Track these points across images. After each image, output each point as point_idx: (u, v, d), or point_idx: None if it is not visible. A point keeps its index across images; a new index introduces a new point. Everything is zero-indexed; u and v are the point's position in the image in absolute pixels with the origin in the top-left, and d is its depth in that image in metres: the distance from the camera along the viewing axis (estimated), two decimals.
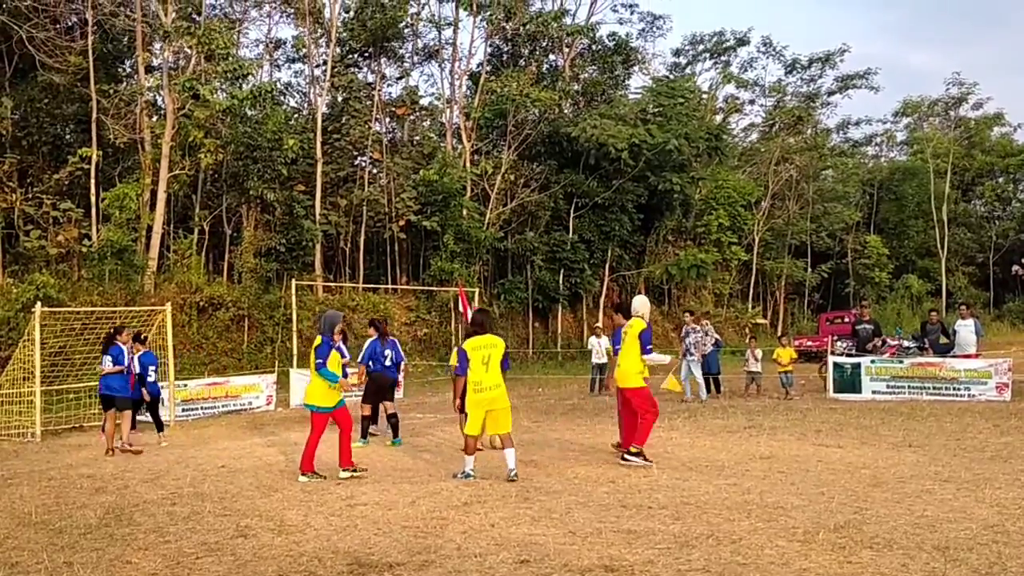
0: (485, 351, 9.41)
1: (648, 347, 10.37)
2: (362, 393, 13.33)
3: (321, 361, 9.70)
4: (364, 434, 12.82)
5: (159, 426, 14.01)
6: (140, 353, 13.55)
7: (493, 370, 9.38)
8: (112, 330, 13.31)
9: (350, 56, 36.55)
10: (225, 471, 10.55)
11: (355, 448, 12.26)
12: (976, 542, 6.28)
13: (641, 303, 10.89)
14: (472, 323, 9.99)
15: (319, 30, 34.99)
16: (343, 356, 10.29)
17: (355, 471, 9.89)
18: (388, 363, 13.07)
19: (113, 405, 12.66)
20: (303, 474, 9.77)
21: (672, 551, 6.26)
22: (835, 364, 18.57)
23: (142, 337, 14.29)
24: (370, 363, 12.97)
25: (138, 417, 13.68)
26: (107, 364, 12.66)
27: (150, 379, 13.57)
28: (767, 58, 48.97)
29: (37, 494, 9.41)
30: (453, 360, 11.98)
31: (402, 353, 13.71)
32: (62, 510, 8.42)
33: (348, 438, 10.11)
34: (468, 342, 9.59)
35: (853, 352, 19.30)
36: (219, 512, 8.07)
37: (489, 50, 39.18)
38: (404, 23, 35.72)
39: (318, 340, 9.89)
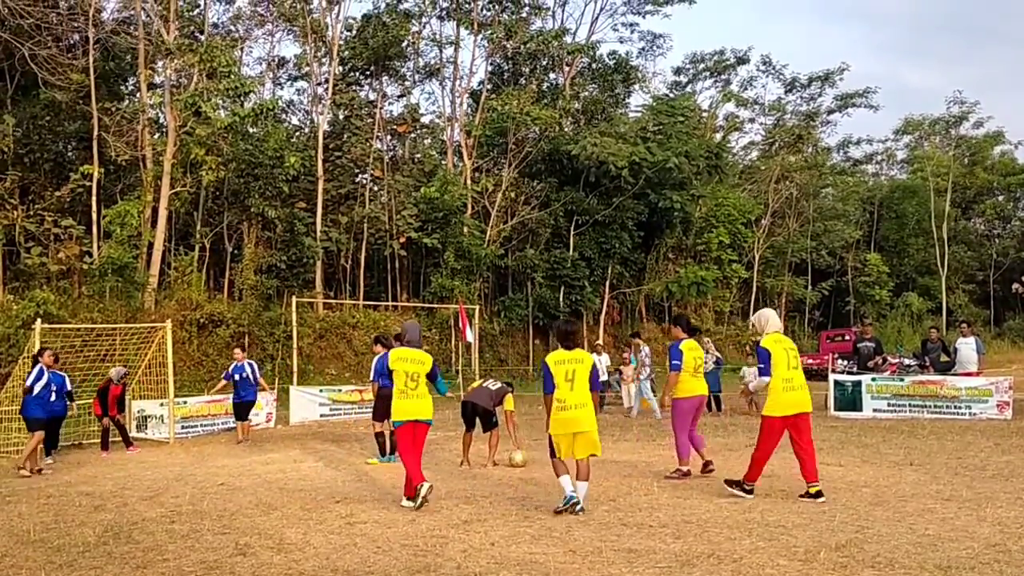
0: (569, 366, 8.48)
1: (760, 365, 9.09)
2: (372, 410, 13.23)
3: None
4: (383, 451, 12.74)
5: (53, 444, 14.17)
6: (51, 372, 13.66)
7: (579, 387, 8.43)
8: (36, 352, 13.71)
9: (352, 74, 36.71)
10: (224, 489, 10.52)
11: (373, 465, 12.27)
12: (978, 561, 6.25)
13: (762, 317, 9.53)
14: (558, 335, 9.09)
15: (321, 48, 35.13)
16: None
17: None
18: None
19: (40, 427, 12.86)
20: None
21: (673, 570, 6.23)
22: (836, 382, 18.54)
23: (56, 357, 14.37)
24: (380, 380, 12.83)
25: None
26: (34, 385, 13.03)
27: (51, 399, 13.51)
28: (767, 76, 49.19)
29: (36, 511, 9.37)
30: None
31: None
32: (60, 528, 8.39)
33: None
34: (551, 355, 8.68)
35: (855, 370, 19.28)
36: (218, 530, 8.04)
37: (490, 68, 39.37)
38: (405, 42, 35.87)
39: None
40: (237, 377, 16.31)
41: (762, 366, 8.98)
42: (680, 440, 10.58)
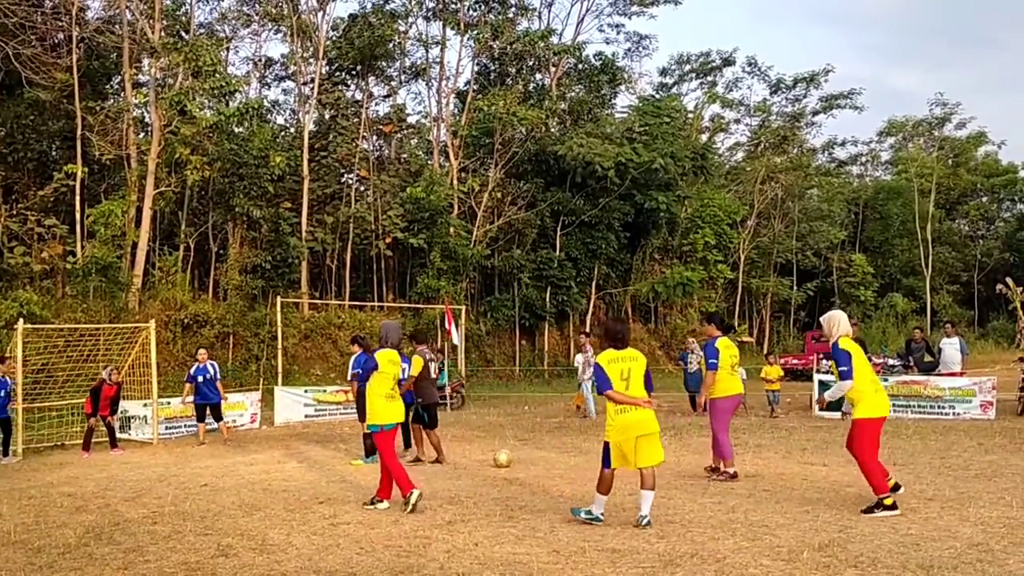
0: (624, 364, 7.80)
1: (840, 368, 8.42)
2: (356, 411, 13.18)
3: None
4: (368, 453, 12.68)
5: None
6: None
7: (635, 387, 7.78)
8: None
9: (338, 74, 36.64)
10: (207, 490, 10.47)
11: (357, 467, 12.21)
12: (960, 560, 6.27)
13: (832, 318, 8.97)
14: (607, 334, 8.19)
15: (308, 48, 35.01)
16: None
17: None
18: None
19: None
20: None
21: (656, 570, 6.23)
22: (821, 382, 18.57)
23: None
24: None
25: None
26: None
27: None
28: (752, 78, 49.36)
29: (17, 513, 9.30)
30: (416, 368, 11.65)
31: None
32: (42, 529, 8.32)
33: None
34: (603, 355, 7.91)
35: None
36: (200, 531, 8.00)
37: (476, 69, 39.36)
38: (392, 42, 35.80)
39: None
40: (200, 379, 16.22)
41: (844, 368, 8.35)
42: (722, 440, 10.28)
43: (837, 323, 8.84)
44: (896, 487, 8.45)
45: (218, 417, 16.36)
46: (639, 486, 7.73)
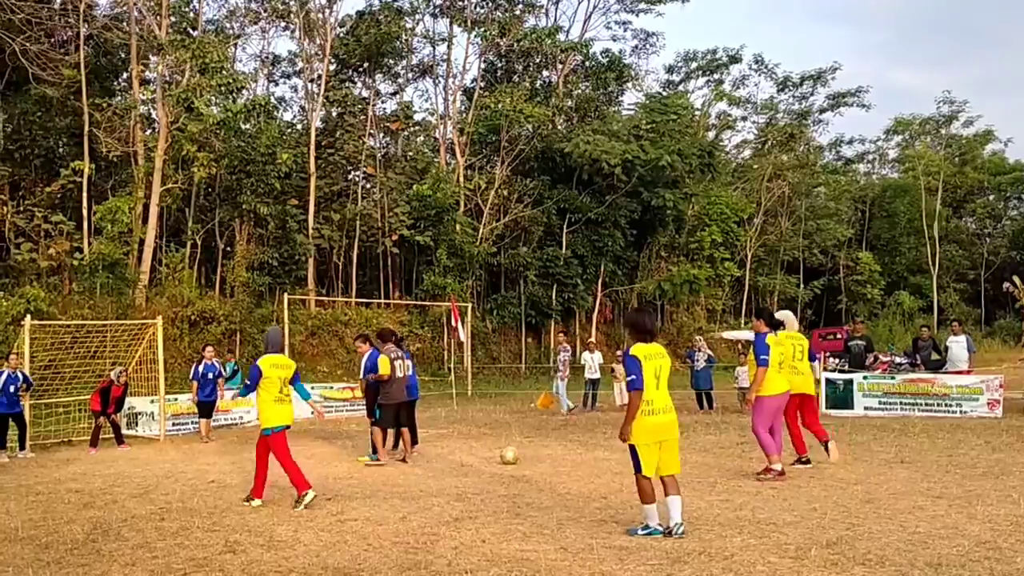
0: (657, 361, 7.27)
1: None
2: (366, 408, 13.22)
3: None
4: (375, 449, 12.70)
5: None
6: None
7: (664, 388, 7.30)
8: None
9: (345, 71, 36.62)
10: (215, 486, 10.49)
11: (363, 463, 12.22)
12: (968, 559, 6.26)
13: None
14: (635, 327, 7.59)
15: (315, 45, 35.01)
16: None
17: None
18: None
19: None
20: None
21: (664, 567, 6.22)
22: (828, 380, 18.56)
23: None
24: (369, 377, 12.82)
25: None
26: None
27: None
28: (759, 76, 49.22)
29: (24, 509, 9.33)
30: (384, 369, 11.94)
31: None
32: (49, 525, 8.34)
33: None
34: (638, 348, 7.25)
35: (846, 368, 19.31)
36: (208, 527, 8.01)
37: (483, 66, 39.30)
38: (399, 39, 35.78)
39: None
40: (210, 375, 16.34)
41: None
42: (763, 438, 10.00)
43: (792, 321, 11.15)
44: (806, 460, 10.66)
45: (207, 415, 16.48)
46: (663, 492, 7.27)
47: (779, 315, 10.99)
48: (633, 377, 7.12)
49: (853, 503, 8.39)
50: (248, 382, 9.28)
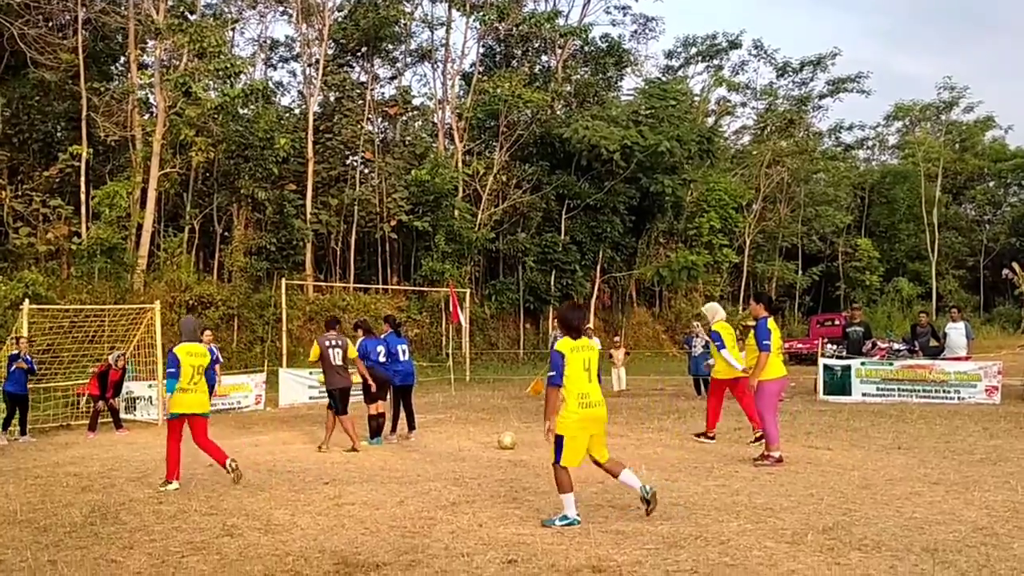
0: (585, 353, 7.27)
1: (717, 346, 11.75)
2: (363, 393, 13.27)
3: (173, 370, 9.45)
4: (373, 434, 12.75)
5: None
6: None
7: (595, 381, 7.36)
8: None
9: (343, 56, 36.49)
10: (212, 470, 10.47)
11: (363, 448, 12.23)
12: (965, 544, 6.27)
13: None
14: (562, 322, 7.57)
15: (313, 29, 34.86)
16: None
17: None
18: (382, 359, 12.99)
19: None
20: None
21: (660, 552, 6.24)
22: (825, 366, 18.58)
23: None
24: (366, 361, 12.90)
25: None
26: None
27: None
28: (758, 61, 49.11)
29: (23, 492, 9.34)
30: (313, 355, 12.48)
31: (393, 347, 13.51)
32: (47, 508, 8.35)
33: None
34: (564, 343, 7.25)
35: (844, 354, 19.32)
36: (206, 511, 8.03)
37: (482, 51, 39.17)
38: (397, 23, 35.61)
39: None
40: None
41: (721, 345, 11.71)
42: (770, 424, 10.03)
43: (715, 312, 12.19)
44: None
45: None
46: (612, 476, 7.39)
47: (705, 308, 12.57)
48: (553, 373, 7.14)
49: (850, 489, 8.41)
50: (172, 370, 9.48)
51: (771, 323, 10.07)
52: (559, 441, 7.12)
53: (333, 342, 12.42)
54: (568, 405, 7.11)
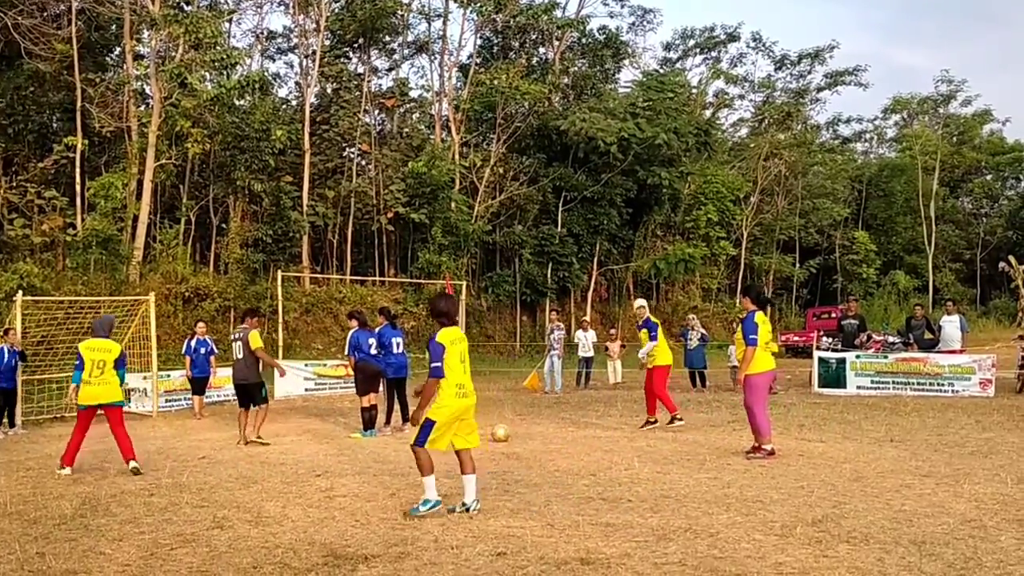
0: (461, 345, 7.54)
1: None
2: (354, 385, 13.29)
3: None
4: (366, 426, 12.76)
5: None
6: None
7: (468, 370, 7.60)
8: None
9: (340, 47, 36.39)
10: (205, 462, 10.51)
11: (355, 440, 12.26)
12: (953, 536, 6.28)
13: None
14: (434, 311, 7.82)
15: (310, 20, 34.76)
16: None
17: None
18: (373, 351, 13.00)
19: None
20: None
21: (649, 544, 6.24)
22: (820, 359, 18.60)
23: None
24: (356, 354, 12.93)
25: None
26: None
27: None
28: (756, 53, 49.09)
29: (14, 484, 9.34)
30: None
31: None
32: (38, 500, 8.35)
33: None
34: (444, 334, 7.44)
35: (839, 347, 19.34)
36: (197, 503, 8.03)
37: (479, 42, 39.14)
38: (394, 14, 35.51)
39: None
40: (203, 351, 16.40)
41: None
42: (760, 417, 10.04)
43: (644, 306, 13.52)
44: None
45: (200, 391, 16.54)
46: (460, 471, 7.52)
47: (635, 302, 13.95)
48: (437, 364, 7.31)
49: (841, 481, 8.42)
50: (77, 363, 10.20)
51: (759, 317, 10.08)
52: (429, 425, 7.32)
53: (237, 335, 12.61)
54: (445, 394, 7.34)
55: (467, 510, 7.31)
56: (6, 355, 14.25)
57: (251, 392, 12.26)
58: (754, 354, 9.94)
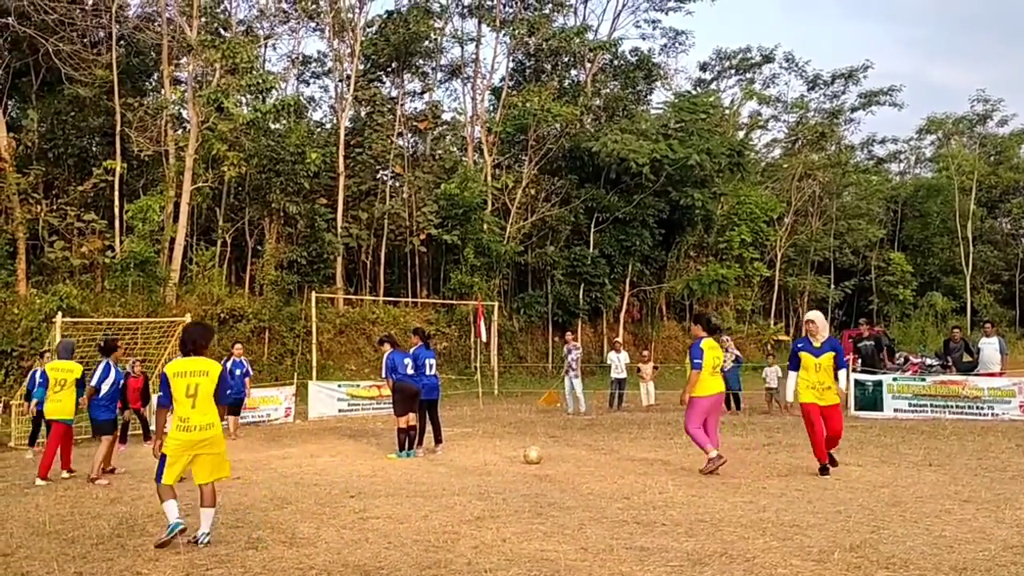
0: (191, 379, 7.36)
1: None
2: (392, 406, 13.32)
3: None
4: (402, 447, 12.79)
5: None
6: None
7: (203, 404, 7.35)
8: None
9: (374, 71, 36.75)
10: (240, 483, 10.55)
11: (391, 461, 12.29)
12: (995, 563, 6.17)
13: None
14: (182, 345, 7.81)
15: (344, 45, 35.16)
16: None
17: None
18: (410, 371, 13.03)
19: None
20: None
21: (684, 569, 6.18)
22: (857, 381, 18.38)
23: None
24: (392, 375, 12.98)
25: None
26: None
27: None
28: (790, 74, 48.90)
29: (52, 503, 9.45)
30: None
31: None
32: (76, 520, 8.44)
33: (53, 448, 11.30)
34: (171, 365, 7.53)
35: (858, 368, 19.07)
36: (232, 523, 8.07)
37: (511, 65, 39.39)
38: (428, 39, 35.83)
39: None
40: (238, 372, 16.52)
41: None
42: (694, 433, 10.63)
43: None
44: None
45: (235, 412, 16.64)
46: (199, 504, 7.44)
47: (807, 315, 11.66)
48: (160, 394, 7.53)
49: (879, 506, 8.30)
50: (41, 381, 11.67)
51: (706, 343, 10.75)
52: (162, 460, 7.44)
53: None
54: (171, 428, 7.39)
55: (196, 542, 7.19)
56: (38, 378, 14.35)
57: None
58: (698, 377, 10.58)
